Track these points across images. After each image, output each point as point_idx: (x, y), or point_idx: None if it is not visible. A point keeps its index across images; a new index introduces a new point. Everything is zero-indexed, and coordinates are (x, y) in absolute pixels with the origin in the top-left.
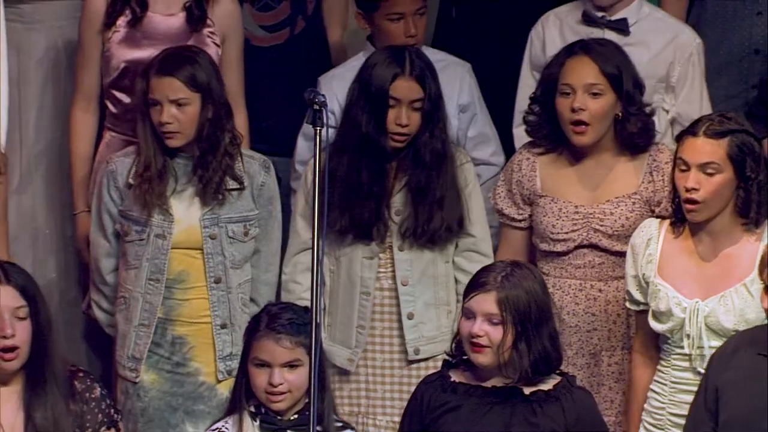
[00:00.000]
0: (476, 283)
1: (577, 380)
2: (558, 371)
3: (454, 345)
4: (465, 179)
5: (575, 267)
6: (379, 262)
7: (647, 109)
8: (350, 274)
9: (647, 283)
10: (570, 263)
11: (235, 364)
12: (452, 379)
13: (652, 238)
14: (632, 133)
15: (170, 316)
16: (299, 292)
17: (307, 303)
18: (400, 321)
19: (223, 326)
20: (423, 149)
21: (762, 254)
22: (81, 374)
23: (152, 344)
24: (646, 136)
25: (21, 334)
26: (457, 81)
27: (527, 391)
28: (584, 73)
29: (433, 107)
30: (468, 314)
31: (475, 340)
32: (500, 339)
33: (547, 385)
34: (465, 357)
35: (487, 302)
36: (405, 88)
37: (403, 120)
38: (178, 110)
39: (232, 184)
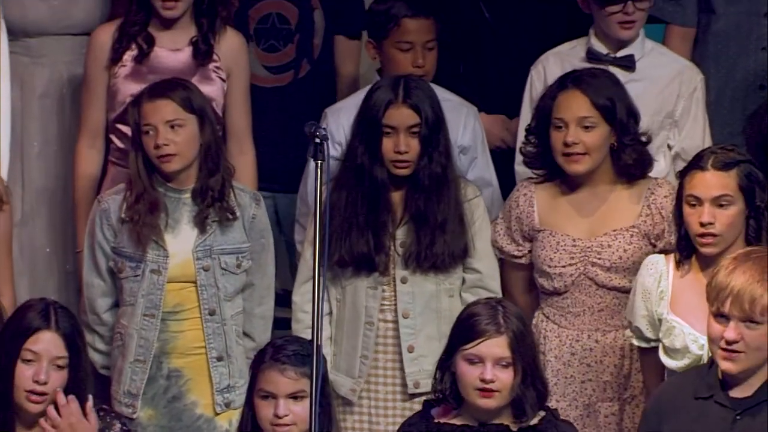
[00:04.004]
0: (477, 330)
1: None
2: None
3: (440, 388)
4: (473, 214)
5: (574, 315)
6: (383, 294)
7: (643, 138)
8: (355, 304)
9: (660, 320)
10: (569, 311)
11: (232, 396)
12: (436, 420)
13: (662, 274)
14: (628, 164)
15: (165, 349)
16: (308, 322)
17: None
18: (401, 354)
19: (219, 358)
20: (422, 173)
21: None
22: (101, 412)
23: (148, 379)
24: (641, 165)
25: (54, 382)
26: (460, 122)
27: (515, 427)
28: (575, 107)
29: (430, 132)
30: (473, 360)
31: (488, 386)
32: (511, 382)
33: (533, 420)
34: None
35: (498, 346)
36: (399, 115)
37: (401, 147)
38: (173, 132)
39: (225, 215)
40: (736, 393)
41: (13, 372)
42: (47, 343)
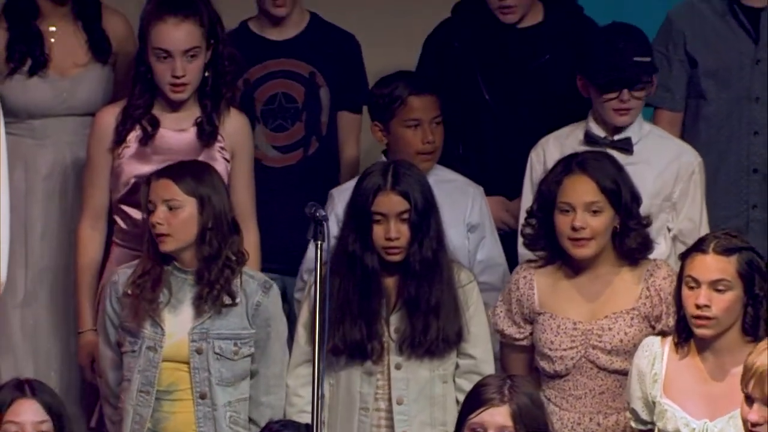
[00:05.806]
0: (481, 399)
1: None
2: None
3: None
4: (467, 299)
5: (576, 398)
6: (377, 382)
7: (644, 221)
8: (350, 389)
9: (654, 402)
10: (571, 394)
11: None
12: None
13: (657, 356)
14: (632, 248)
15: (158, 429)
16: (301, 405)
17: (309, 416)
18: None
19: None
20: (412, 260)
21: (745, 365)
22: None
23: None
24: (644, 249)
25: None
26: (468, 200)
27: None
28: (583, 192)
29: (420, 218)
30: (476, 429)
31: None
32: None
33: None
34: None
35: (500, 415)
36: (388, 202)
37: (392, 234)
38: (170, 213)
39: (225, 299)
40: None
41: None
42: (26, 408)
